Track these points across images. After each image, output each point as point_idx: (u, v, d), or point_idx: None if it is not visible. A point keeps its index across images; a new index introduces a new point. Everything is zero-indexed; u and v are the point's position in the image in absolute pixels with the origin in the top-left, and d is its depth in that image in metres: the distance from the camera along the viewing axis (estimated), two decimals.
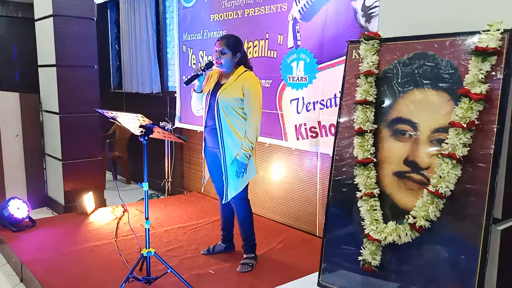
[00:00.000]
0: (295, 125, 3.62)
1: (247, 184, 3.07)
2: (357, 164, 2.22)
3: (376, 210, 2.15)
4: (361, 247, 2.19)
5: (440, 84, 2.01)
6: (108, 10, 6.61)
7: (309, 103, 3.50)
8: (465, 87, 1.88)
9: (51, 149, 4.70)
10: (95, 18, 4.68)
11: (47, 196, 4.86)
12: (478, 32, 1.90)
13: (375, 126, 2.22)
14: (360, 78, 2.24)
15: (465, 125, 1.85)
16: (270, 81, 3.81)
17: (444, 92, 2.00)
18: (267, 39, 3.83)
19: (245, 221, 3.15)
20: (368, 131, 2.20)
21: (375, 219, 2.14)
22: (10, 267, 3.45)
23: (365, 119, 2.19)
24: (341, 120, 2.38)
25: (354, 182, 2.23)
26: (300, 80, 3.57)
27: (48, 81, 4.60)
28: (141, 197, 4.78)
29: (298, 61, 3.58)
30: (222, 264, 3.17)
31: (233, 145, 2.94)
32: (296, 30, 3.58)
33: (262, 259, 3.23)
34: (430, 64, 2.05)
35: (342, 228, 2.32)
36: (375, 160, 2.20)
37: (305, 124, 3.54)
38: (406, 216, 2.04)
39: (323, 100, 3.39)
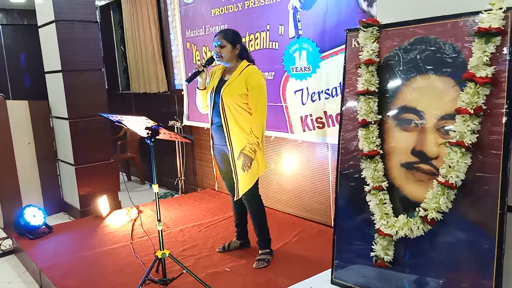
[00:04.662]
0: (301, 117, 3.54)
1: (258, 179, 3.03)
2: (363, 157, 2.14)
3: (385, 203, 2.08)
4: (373, 242, 2.13)
5: (444, 69, 1.91)
6: (111, 12, 6.59)
7: (314, 93, 3.42)
8: (470, 71, 1.78)
9: (63, 155, 4.73)
10: (98, 21, 4.66)
11: (63, 202, 4.92)
12: (480, 12, 1.79)
13: (380, 116, 2.13)
14: (361, 67, 2.15)
15: (472, 111, 1.76)
16: (273, 73, 3.74)
17: (449, 77, 1.90)
18: (268, 30, 3.75)
19: (258, 217, 3.13)
20: (373, 122, 2.12)
21: (385, 213, 2.07)
22: (30, 275, 3.50)
23: (369, 110, 2.11)
24: (345, 112, 2.30)
25: (362, 176, 2.16)
26: (303, 70, 3.49)
27: (55, 87, 4.61)
28: None
29: (301, 51, 3.49)
30: (238, 261, 3.16)
31: (240, 141, 2.91)
32: (297, 20, 3.49)
33: (278, 254, 3.20)
34: (432, 48, 1.95)
35: (353, 223, 2.26)
36: (381, 152, 2.12)
37: (311, 115, 3.47)
38: (417, 209, 1.96)
39: (328, 89, 3.31)
